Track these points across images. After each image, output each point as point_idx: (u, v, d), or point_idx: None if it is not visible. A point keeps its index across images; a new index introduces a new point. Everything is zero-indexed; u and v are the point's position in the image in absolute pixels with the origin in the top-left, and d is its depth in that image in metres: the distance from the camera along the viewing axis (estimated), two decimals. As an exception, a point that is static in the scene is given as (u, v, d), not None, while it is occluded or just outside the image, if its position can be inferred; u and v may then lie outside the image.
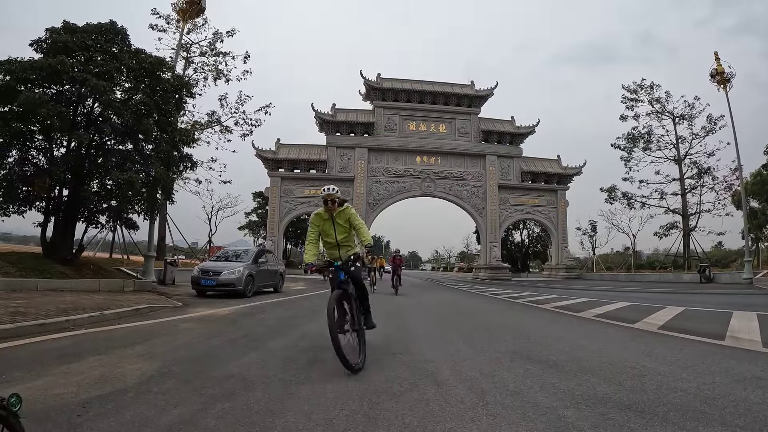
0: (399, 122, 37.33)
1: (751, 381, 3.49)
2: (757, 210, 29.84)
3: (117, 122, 12.03)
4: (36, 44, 11.93)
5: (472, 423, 2.62)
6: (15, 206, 11.53)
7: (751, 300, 11.57)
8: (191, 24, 25.08)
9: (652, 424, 2.57)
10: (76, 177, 12.09)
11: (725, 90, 24.69)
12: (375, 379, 3.64)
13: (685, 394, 3.18)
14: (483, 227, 37.61)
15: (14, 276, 9.97)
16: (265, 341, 5.40)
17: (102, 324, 6.39)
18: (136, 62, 12.81)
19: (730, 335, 5.65)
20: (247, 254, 13.81)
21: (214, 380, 3.53)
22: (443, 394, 3.20)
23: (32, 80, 11.21)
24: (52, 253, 12.06)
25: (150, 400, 2.93)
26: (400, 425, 2.57)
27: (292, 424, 2.56)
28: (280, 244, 34.94)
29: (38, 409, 2.69)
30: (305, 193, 34.98)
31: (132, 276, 14.32)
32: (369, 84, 37.11)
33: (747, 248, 24.67)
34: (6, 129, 10.83)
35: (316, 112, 36.25)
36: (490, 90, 38.72)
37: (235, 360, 4.31)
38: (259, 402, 2.97)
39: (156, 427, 2.46)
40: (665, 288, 20.12)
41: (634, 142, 35.56)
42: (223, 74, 27.86)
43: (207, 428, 2.48)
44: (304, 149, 36.30)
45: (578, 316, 8.48)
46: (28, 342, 4.84)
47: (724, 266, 34.30)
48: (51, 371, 3.58)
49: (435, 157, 37.31)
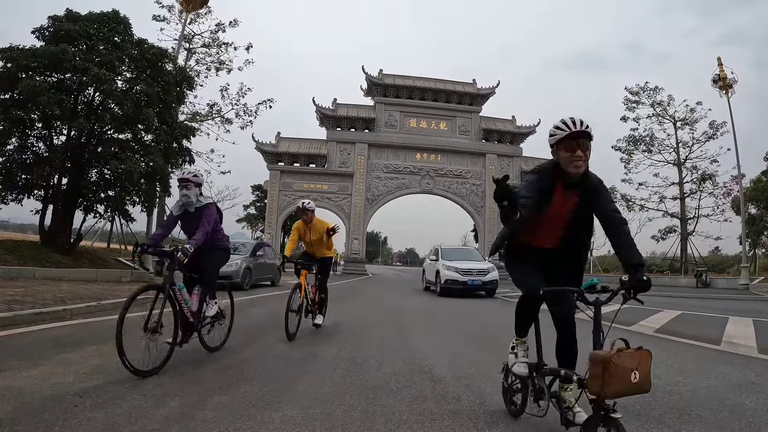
0: (400, 118, 37.25)
1: (747, 386, 3.51)
2: (756, 216, 29.89)
3: (117, 112, 11.98)
4: (38, 32, 11.86)
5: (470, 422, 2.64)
6: (14, 194, 11.49)
7: (747, 306, 11.62)
8: (194, 15, 24.92)
9: (648, 427, 2.59)
10: (76, 166, 12.05)
11: (727, 96, 24.68)
12: (373, 374, 3.66)
13: (681, 397, 3.19)
14: (481, 226, 37.63)
15: (12, 264, 9.95)
16: (263, 334, 5.41)
17: (99, 314, 6.39)
18: (138, 52, 12.74)
19: (726, 340, 5.68)
20: (245, 247, 13.79)
21: (211, 372, 3.54)
22: (440, 392, 3.21)
23: (33, 68, 11.15)
24: (50, 242, 12.02)
25: (147, 392, 2.93)
26: (398, 421, 2.58)
27: (290, 418, 2.57)
28: (278, 237, 34.88)
29: (35, 398, 2.68)
30: (304, 187, 34.91)
31: (130, 266, 14.30)
32: (371, 80, 36.98)
33: (744, 254, 24.74)
34: (6, 116, 10.78)
35: (317, 107, 36.13)
36: (492, 89, 38.64)
37: (233, 353, 4.31)
38: (257, 395, 2.98)
39: (153, 419, 2.46)
40: (661, 291, 20.17)
41: (635, 145, 35.52)
42: (225, 65, 27.68)
43: (204, 421, 2.48)
44: (304, 143, 36.19)
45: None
46: (26, 331, 4.83)
47: (720, 271, 34.38)
48: (48, 360, 3.58)
49: (435, 154, 37.25)
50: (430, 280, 14.55)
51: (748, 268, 23.81)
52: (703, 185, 32.91)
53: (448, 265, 12.85)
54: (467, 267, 12.82)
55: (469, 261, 13.54)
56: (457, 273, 12.55)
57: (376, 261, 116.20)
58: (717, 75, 25.01)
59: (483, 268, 12.94)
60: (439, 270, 13.14)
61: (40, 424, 2.31)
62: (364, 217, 35.39)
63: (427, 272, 15.45)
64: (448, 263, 12.97)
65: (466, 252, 15.47)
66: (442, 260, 13.30)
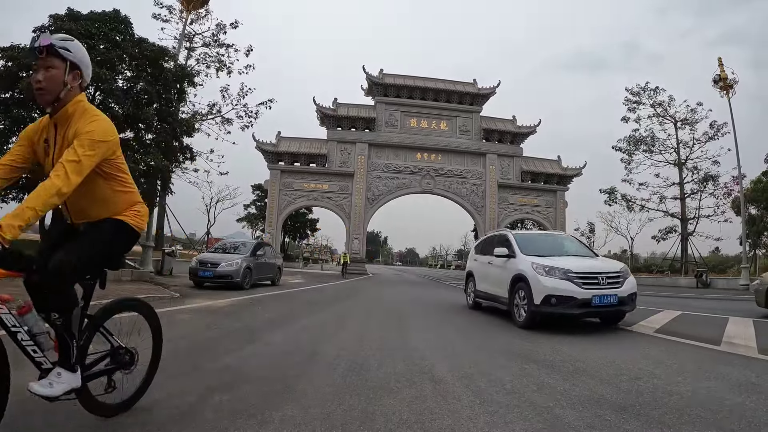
0: (400, 118, 37.26)
1: (747, 387, 3.51)
2: (756, 217, 29.88)
3: (118, 111, 11.99)
4: (39, 30, 11.86)
5: (470, 421, 2.64)
6: (14, 193, 11.51)
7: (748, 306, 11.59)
8: (195, 14, 24.94)
9: (648, 427, 2.58)
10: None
11: (728, 96, 24.67)
12: (373, 374, 3.66)
13: (681, 397, 3.19)
14: (481, 226, 37.61)
15: (12, 262, 9.94)
16: (263, 334, 5.41)
17: (99, 313, 6.38)
18: (139, 51, 12.76)
19: (726, 341, 5.67)
20: (246, 246, 13.80)
21: (211, 372, 3.54)
22: (440, 391, 3.21)
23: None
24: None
25: (147, 391, 2.92)
26: (397, 420, 2.58)
27: (290, 417, 2.57)
28: (278, 237, 34.91)
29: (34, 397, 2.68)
30: (305, 187, 34.95)
31: (130, 266, 14.32)
32: (371, 79, 37.00)
33: (744, 255, 24.74)
34: (7, 115, 10.80)
35: (318, 106, 36.14)
36: (492, 89, 38.64)
37: (233, 352, 4.31)
38: (257, 395, 2.98)
39: (153, 419, 2.46)
40: (662, 291, 20.17)
41: (636, 145, 35.50)
42: (226, 66, 27.71)
43: (205, 420, 2.48)
44: (304, 143, 36.21)
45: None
46: (26, 329, 4.82)
47: (720, 272, 34.38)
48: (48, 359, 3.57)
49: (435, 154, 37.27)
50: (492, 293, 8.31)
51: (748, 268, 23.79)
52: (705, 186, 32.88)
53: (544, 266, 6.68)
54: (587, 269, 6.63)
55: (576, 257, 7.37)
56: (568, 282, 6.38)
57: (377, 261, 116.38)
58: (717, 75, 25.00)
59: (613, 271, 6.74)
60: (522, 275, 6.93)
61: (39, 424, 2.31)
62: (365, 216, 35.40)
63: (478, 277, 9.21)
64: (540, 261, 6.83)
65: (558, 241, 8.68)
66: (523, 255, 7.31)
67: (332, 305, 9.81)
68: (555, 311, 6.41)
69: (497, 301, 8.11)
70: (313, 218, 52.68)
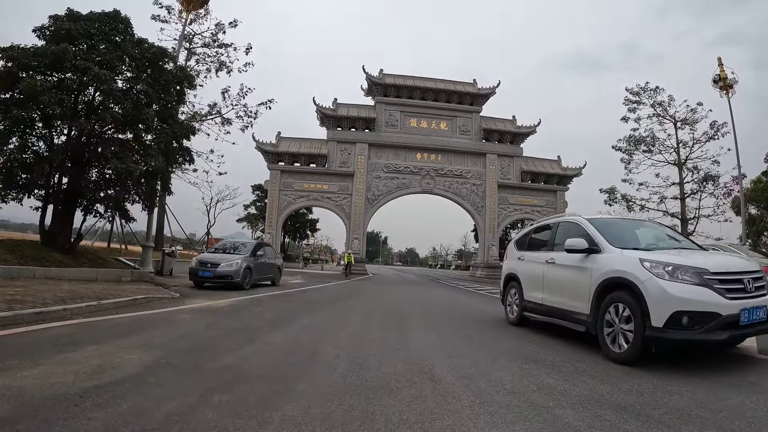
0: (400, 118, 37.26)
1: (747, 387, 3.51)
2: (756, 217, 29.87)
3: (117, 112, 11.98)
4: (39, 31, 11.87)
5: (470, 421, 2.64)
6: (14, 193, 11.49)
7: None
8: (194, 15, 24.93)
9: (649, 427, 2.59)
10: (76, 165, 12.06)
11: (728, 96, 24.65)
12: (373, 374, 3.66)
13: (681, 397, 3.19)
14: (481, 226, 37.62)
15: (12, 264, 9.95)
16: (263, 334, 5.41)
17: (100, 313, 6.38)
18: (139, 52, 12.73)
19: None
20: (246, 247, 13.79)
21: (212, 372, 3.54)
22: (440, 391, 3.21)
23: (34, 67, 11.15)
24: (50, 242, 12.03)
25: (147, 391, 2.93)
26: (398, 420, 2.58)
27: (290, 417, 2.57)
28: (278, 237, 34.89)
29: (35, 397, 2.69)
30: (305, 187, 34.94)
31: (130, 266, 14.31)
32: (371, 79, 36.99)
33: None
34: (7, 115, 10.79)
35: (318, 106, 36.13)
36: (492, 89, 38.63)
37: (233, 352, 4.31)
38: (257, 394, 2.98)
39: (153, 419, 2.46)
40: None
41: (636, 145, 35.49)
42: (225, 66, 27.70)
43: (205, 420, 2.48)
44: (304, 143, 36.19)
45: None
46: (26, 330, 4.83)
47: (720, 271, 34.34)
48: (48, 360, 3.58)
49: (435, 154, 37.27)
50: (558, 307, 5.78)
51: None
52: (705, 186, 32.86)
53: (665, 264, 4.30)
54: (727, 267, 4.43)
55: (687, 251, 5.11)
56: (705, 288, 4.05)
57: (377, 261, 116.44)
58: (717, 75, 24.98)
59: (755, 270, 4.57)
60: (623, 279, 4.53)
61: (40, 424, 2.31)
62: (365, 216, 35.38)
63: (528, 283, 6.79)
64: (655, 257, 4.48)
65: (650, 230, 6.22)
66: (618, 249, 4.91)
67: (332, 305, 9.80)
68: (689, 338, 3.98)
69: (566, 318, 5.57)
70: (313, 218, 52.73)
